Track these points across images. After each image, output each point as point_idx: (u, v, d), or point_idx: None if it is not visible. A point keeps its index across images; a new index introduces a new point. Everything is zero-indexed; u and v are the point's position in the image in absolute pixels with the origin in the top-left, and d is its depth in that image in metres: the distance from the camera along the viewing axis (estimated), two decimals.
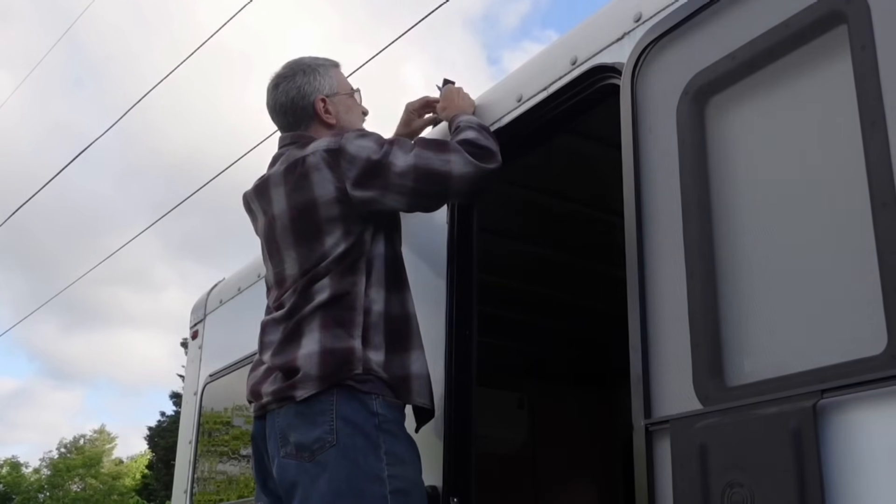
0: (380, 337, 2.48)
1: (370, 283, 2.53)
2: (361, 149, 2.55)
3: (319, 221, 2.53)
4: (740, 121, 2.12)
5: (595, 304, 4.92)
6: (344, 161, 2.53)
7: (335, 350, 2.41)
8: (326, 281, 2.50)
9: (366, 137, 2.60)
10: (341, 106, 2.78)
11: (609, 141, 2.75)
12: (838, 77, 1.87)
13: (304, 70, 2.77)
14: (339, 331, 2.43)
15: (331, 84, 2.78)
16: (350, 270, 2.51)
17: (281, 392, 2.44)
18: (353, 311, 2.47)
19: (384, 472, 2.34)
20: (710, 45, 2.16)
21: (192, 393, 5.00)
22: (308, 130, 2.74)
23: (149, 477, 36.59)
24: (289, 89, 2.75)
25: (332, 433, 2.33)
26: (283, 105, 2.76)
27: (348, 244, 2.52)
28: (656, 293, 2.18)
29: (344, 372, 2.38)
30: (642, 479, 2.07)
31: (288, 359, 2.46)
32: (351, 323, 2.45)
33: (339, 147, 2.55)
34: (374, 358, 2.44)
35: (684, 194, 2.14)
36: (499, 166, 2.65)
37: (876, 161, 1.75)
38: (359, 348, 2.42)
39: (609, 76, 2.52)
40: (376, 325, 2.49)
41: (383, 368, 2.45)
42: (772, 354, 1.94)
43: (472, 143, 2.61)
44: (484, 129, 2.72)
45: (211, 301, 4.97)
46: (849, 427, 1.71)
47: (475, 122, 2.74)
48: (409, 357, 2.54)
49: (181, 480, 4.91)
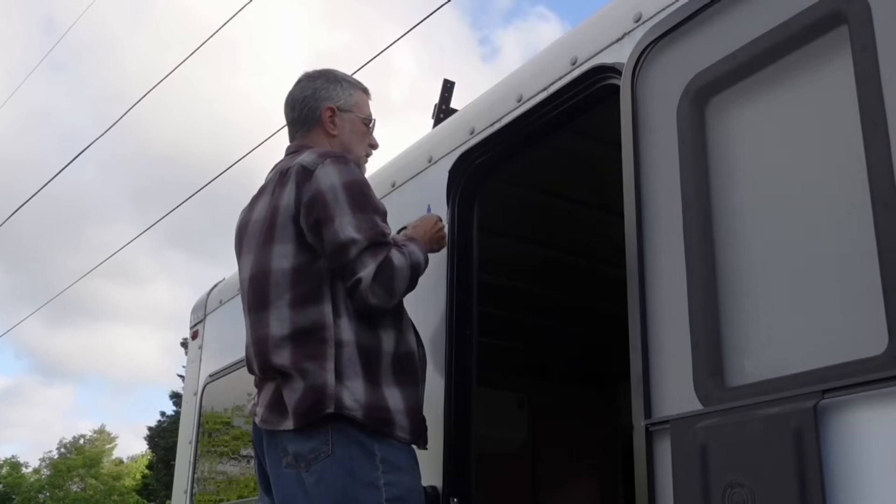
0: (355, 368, 2.41)
1: (339, 313, 2.44)
2: (327, 183, 2.46)
3: (275, 230, 2.51)
4: (740, 121, 2.12)
5: (595, 304, 4.92)
6: (309, 183, 2.48)
7: (309, 389, 2.37)
8: (283, 304, 2.44)
9: (343, 174, 2.49)
10: (349, 125, 2.75)
11: (609, 141, 2.75)
12: (839, 77, 1.87)
13: (329, 77, 2.78)
14: (310, 364, 2.39)
15: (348, 100, 2.76)
16: (312, 297, 2.44)
17: (272, 422, 2.46)
18: (324, 342, 2.40)
19: (380, 480, 2.35)
20: (710, 45, 2.16)
21: (192, 393, 5.01)
22: (309, 134, 2.73)
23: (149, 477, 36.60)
24: (306, 87, 2.76)
25: (327, 443, 2.35)
26: (295, 99, 2.77)
27: (297, 262, 2.47)
28: (656, 293, 2.18)
29: (318, 413, 2.35)
30: (642, 479, 2.07)
31: (274, 388, 2.47)
32: (322, 355, 2.39)
33: (313, 169, 2.50)
34: (350, 393, 2.37)
35: (684, 194, 2.14)
36: (384, 308, 2.47)
37: (877, 161, 1.75)
38: (331, 384, 2.37)
39: (609, 76, 2.52)
40: (350, 357, 2.41)
41: (360, 403, 2.38)
42: (772, 354, 1.94)
43: (388, 273, 2.44)
44: (413, 269, 2.53)
45: (211, 301, 4.98)
46: (850, 427, 1.71)
47: (413, 259, 2.54)
48: (386, 391, 2.45)
49: (181, 480, 4.91)
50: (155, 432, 33.66)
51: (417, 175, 3.32)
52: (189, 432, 4.94)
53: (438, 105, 3.86)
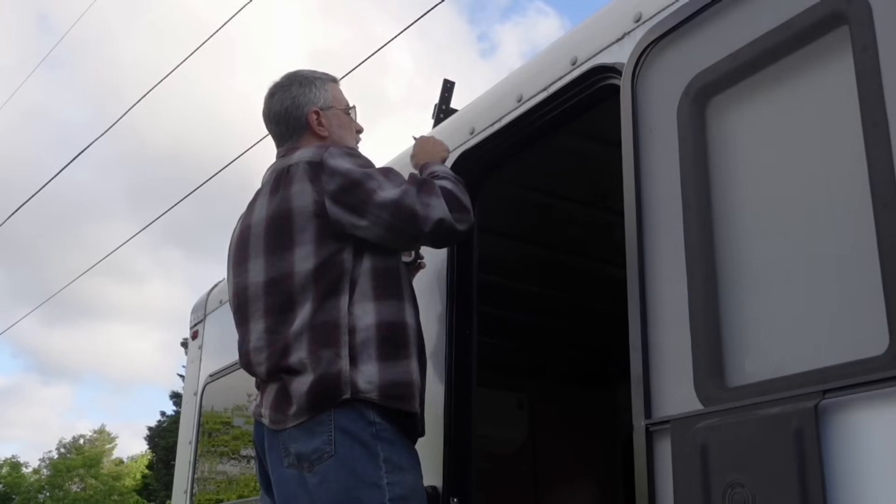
0: (369, 351, 2.44)
1: (353, 301, 2.48)
2: (344, 166, 2.52)
3: (293, 232, 2.51)
4: (741, 121, 2.12)
5: (595, 304, 4.92)
6: (325, 174, 2.50)
7: (323, 377, 2.39)
8: (307, 302, 2.46)
9: (352, 157, 2.58)
10: (335, 120, 2.77)
11: (609, 141, 2.75)
12: (839, 78, 1.87)
13: (301, 81, 2.77)
14: (326, 352, 2.41)
15: (326, 98, 2.77)
16: (332, 290, 2.47)
17: (278, 420, 2.47)
18: (337, 329, 2.44)
19: (383, 480, 2.35)
20: (710, 45, 2.16)
21: (192, 393, 5.00)
22: (300, 141, 2.73)
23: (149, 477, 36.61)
24: (283, 99, 2.75)
25: (330, 444, 2.36)
26: (276, 114, 2.76)
27: (319, 260, 2.48)
28: (656, 293, 2.18)
29: (334, 399, 2.38)
30: (643, 479, 2.07)
31: (279, 386, 2.48)
32: (337, 343, 2.42)
33: (321, 160, 2.52)
34: (364, 376, 2.41)
35: (684, 194, 2.14)
36: (469, 229, 2.60)
37: (877, 161, 1.75)
38: (346, 371, 2.39)
39: (609, 76, 2.52)
40: (365, 342, 2.45)
41: (374, 384, 2.42)
42: (773, 354, 1.94)
43: (453, 197, 2.55)
44: (460, 183, 2.64)
45: (211, 301, 4.97)
46: (851, 428, 1.70)
47: (451, 175, 2.67)
48: (402, 365, 2.49)
49: (181, 481, 4.91)
50: (155, 432, 33.68)
51: None
52: (189, 432, 4.94)
53: (438, 105, 3.86)
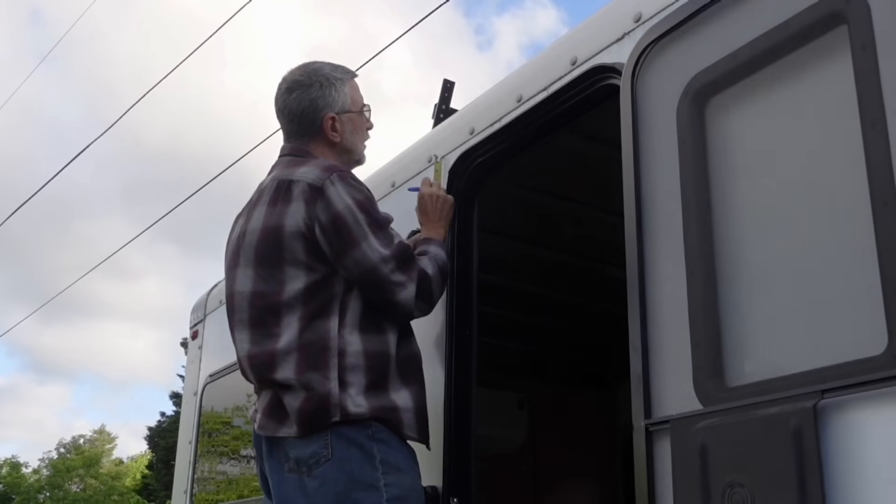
0: (358, 377, 2.44)
1: (343, 324, 2.47)
2: (341, 203, 2.50)
3: (282, 250, 2.51)
4: (740, 121, 2.12)
5: (595, 304, 4.92)
6: (321, 202, 2.49)
7: (312, 399, 2.39)
8: (294, 320, 2.47)
9: (352, 189, 2.54)
10: (349, 125, 2.74)
11: (609, 141, 2.75)
12: (838, 77, 1.87)
13: (322, 82, 2.71)
14: (313, 375, 2.41)
15: (343, 101, 2.73)
16: (321, 312, 2.47)
17: (273, 429, 2.48)
18: (326, 351, 2.43)
19: (380, 482, 2.37)
20: (710, 45, 2.16)
21: (192, 393, 5.01)
22: (310, 143, 2.71)
23: (149, 477, 36.59)
24: (302, 99, 2.70)
25: (327, 447, 2.38)
26: (292, 112, 2.72)
27: (310, 281, 2.48)
28: (656, 293, 2.18)
29: (324, 421, 2.39)
30: (642, 479, 2.08)
31: (273, 395, 2.49)
32: (325, 365, 2.42)
33: (322, 186, 2.50)
34: (353, 400, 2.41)
35: (684, 194, 2.14)
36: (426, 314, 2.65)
37: (876, 161, 1.75)
38: (335, 394, 2.39)
39: (609, 76, 2.52)
40: (354, 367, 2.44)
41: (364, 408, 2.41)
42: (772, 354, 1.94)
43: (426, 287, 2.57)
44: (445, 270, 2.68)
45: (211, 301, 4.97)
46: (850, 427, 1.71)
47: (441, 259, 2.68)
48: (386, 396, 2.48)
49: (181, 481, 4.91)
50: (155, 432, 33.66)
51: (417, 175, 3.32)
52: (189, 432, 4.94)
53: (438, 105, 3.87)
